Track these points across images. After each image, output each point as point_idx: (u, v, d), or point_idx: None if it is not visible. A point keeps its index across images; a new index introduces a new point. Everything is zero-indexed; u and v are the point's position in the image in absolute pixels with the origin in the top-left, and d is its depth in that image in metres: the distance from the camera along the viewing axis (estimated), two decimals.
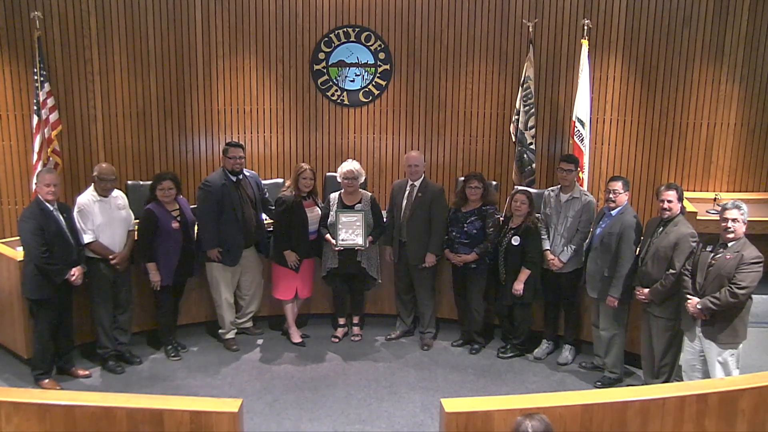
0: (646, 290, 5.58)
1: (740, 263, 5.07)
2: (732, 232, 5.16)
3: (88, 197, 6.01)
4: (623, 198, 5.87)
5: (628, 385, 6.02)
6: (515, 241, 6.21)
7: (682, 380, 5.60)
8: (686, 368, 5.49)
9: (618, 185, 5.86)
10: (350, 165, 6.47)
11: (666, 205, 5.51)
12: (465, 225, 6.37)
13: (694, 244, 5.41)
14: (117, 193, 6.18)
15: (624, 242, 5.77)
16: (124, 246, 6.12)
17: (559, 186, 6.34)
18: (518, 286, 6.22)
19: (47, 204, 5.66)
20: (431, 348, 6.69)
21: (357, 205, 6.45)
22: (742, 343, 5.29)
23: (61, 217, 5.74)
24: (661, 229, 5.55)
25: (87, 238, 5.95)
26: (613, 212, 5.87)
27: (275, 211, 6.54)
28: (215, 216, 6.32)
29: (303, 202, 6.45)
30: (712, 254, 5.20)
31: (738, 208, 5.20)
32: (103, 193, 6.02)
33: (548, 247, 6.26)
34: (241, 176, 6.48)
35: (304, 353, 6.60)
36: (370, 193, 6.65)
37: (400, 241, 6.58)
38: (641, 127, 8.33)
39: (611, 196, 5.87)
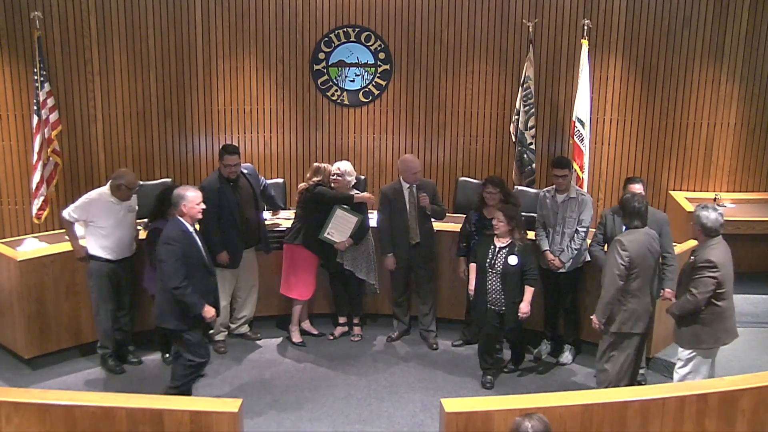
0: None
1: (694, 268, 5.02)
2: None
3: (103, 196, 5.95)
4: None
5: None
6: (513, 260, 5.80)
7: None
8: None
9: (641, 187, 5.86)
10: (338, 163, 6.50)
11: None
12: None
13: (618, 256, 5.17)
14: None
15: (665, 236, 5.75)
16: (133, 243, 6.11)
17: (553, 187, 6.31)
18: (527, 308, 5.82)
19: (188, 226, 5.24)
20: (439, 347, 6.69)
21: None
22: (713, 353, 5.18)
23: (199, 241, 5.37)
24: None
25: (66, 215, 5.92)
26: None
27: (318, 200, 6.40)
28: (216, 220, 6.24)
29: None
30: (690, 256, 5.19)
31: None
32: (125, 199, 5.96)
33: (547, 248, 6.24)
34: (239, 176, 6.39)
35: (303, 353, 6.59)
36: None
37: (409, 244, 6.54)
38: (641, 127, 8.33)
39: None
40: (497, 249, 5.88)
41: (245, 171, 6.51)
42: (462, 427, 4.16)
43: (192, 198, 5.22)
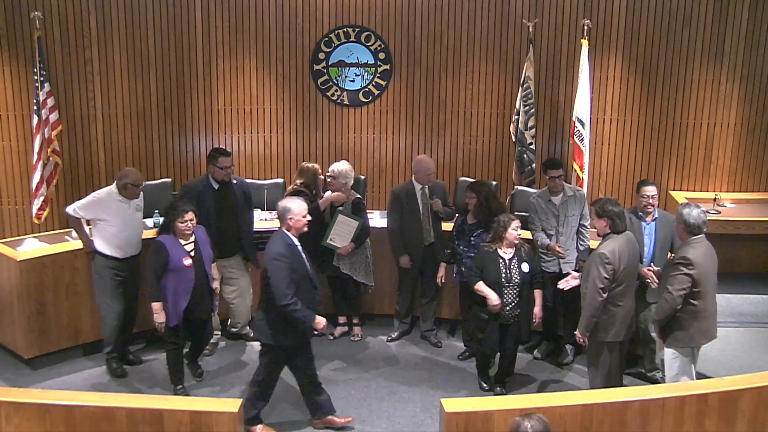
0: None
1: (671, 265, 5.04)
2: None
3: (111, 195, 5.93)
4: None
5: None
6: (526, 268, 5.63)
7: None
8: None
9: (654, 189, 5.82)
10: (334, 165, 6.46)
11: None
12: (471, 238, 6.11)
13: (603, 269, 5.08)
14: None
15: (676, 236, 5.74)
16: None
17: (544, 190, 6.29)
18: (541, 313, 5.77)
19: (293, 239, 5.14)
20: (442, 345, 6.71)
21: (338, 207, 6.42)
22: (693, 352, 5.18)
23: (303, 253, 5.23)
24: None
25: (72, 211, 5.91)
26: (656, 216, 5.80)
27: None
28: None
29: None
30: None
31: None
32: (132, 198, 5.95)
33: (548, 241, 6.11)
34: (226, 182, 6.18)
35: None
36: (356, 196, 6.55)
37: (423, 246, 6.50)
38: (641, 127, 8.33)
39: (651, 201, 5.79)
40: (508, 261, 5.63)
41: (235, 181, 6.30)
42: (462, 427, 4.16)
43: (298, 210, 5.12)
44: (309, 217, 5.21)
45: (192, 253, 5.54)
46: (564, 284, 5.57)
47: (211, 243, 5.78)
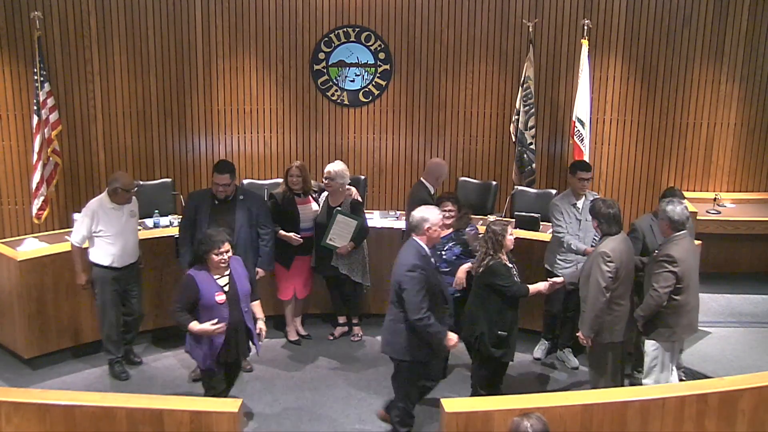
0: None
1: (655, 263, 5.07)
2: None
3: (103, 204, 5.85)
4: None
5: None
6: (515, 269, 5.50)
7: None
8: None
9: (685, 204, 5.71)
10: (330, 165, 6.43)
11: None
12: (443, 252, 5.75)
13: (606, 267, 5.03)
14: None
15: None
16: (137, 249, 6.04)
17: (567, 192, 6.24)
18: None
19: (427, 250, 4.91)
20: None
21: (337, 207, 6.40)
22: (675, 346, 5.23)
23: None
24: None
25: (74, 239, 5.84)
26: None
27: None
28: (188, 232, 5.89)
29: (296, 199, 6.42)
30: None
31: None
32: (124, 202, 5.88)
33: (584, 246, 5.95)
34: (230, 198, 5.96)
35: (303, 353, 6.59)
36: (353, 197, 6.49)
37: None
38: (641, 127, 8.33)
39: None
40: (512, 268, 5.39)
41: (242, 197, 5.99)
42: (462, 427, 4.16)
43: (436, 220, 4.93)
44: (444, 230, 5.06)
45: (226, 288, 4.91)
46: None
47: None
